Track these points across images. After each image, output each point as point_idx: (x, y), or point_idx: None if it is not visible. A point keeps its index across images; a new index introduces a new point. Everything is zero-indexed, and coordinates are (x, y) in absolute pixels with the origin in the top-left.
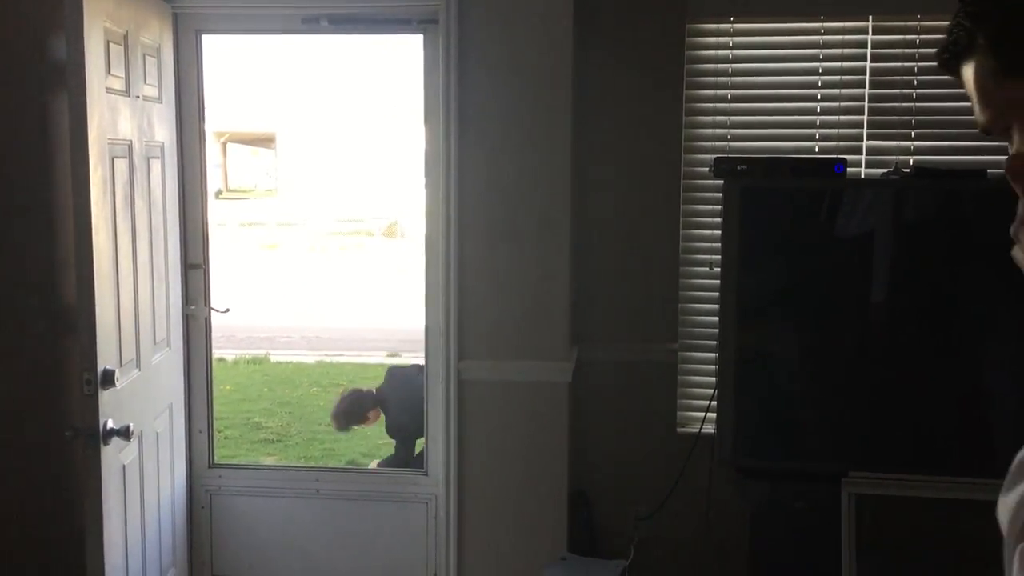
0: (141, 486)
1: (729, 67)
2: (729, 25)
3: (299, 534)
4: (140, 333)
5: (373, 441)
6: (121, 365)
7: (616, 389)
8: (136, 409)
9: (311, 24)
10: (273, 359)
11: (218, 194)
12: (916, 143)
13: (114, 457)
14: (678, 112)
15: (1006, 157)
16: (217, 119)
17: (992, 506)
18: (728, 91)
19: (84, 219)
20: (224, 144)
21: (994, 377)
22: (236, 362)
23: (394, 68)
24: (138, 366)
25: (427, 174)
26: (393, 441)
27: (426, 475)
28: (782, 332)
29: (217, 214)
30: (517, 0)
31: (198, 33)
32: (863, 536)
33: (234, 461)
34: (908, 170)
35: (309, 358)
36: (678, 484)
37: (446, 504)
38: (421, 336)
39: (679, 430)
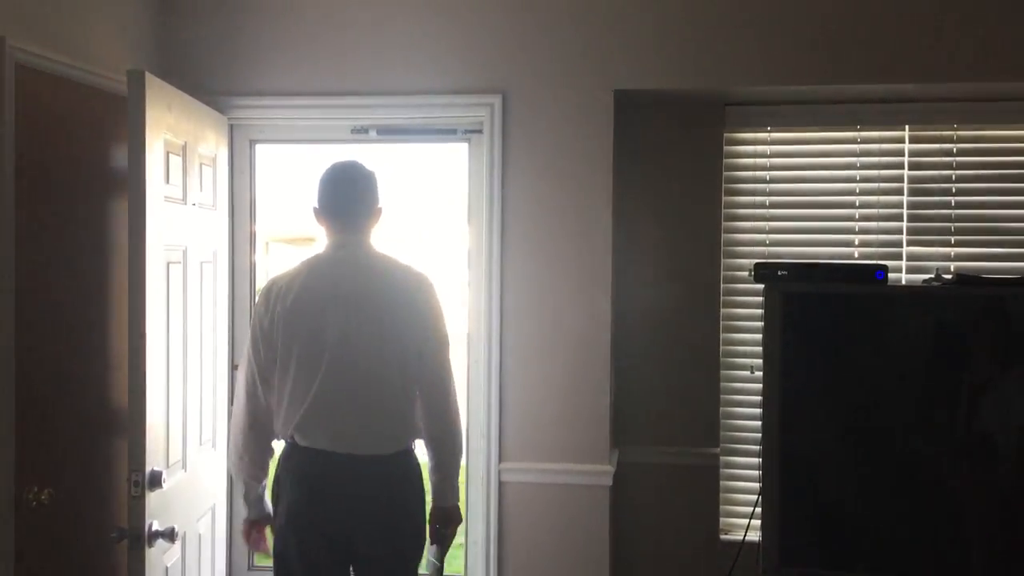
0: None
1: (767, 174)
2: (767, 134)
3: None
4: (187, 434)
5: None
6: (168, 466)
7: (657, 493)
8: (180, 510)
9: (360, 135)
10: None
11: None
12: (956, 250)
13: (158, 559)
14: (717, 217)
15: None
16: (261, 223)
17: None
18: (767, 197)
19: (138, 323)
20: (267, 244)
21: None
22: (273, 460)
23: (427, 172)
24: (184, 467)
25: (471, 273)
26: None
27: None
28: (826, 437)
29: None
30: (559, 111)
31: (252, 143)
32: None
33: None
34: (949, 276)
35: None
36: None
37: None
38: None
39: (722, 537)
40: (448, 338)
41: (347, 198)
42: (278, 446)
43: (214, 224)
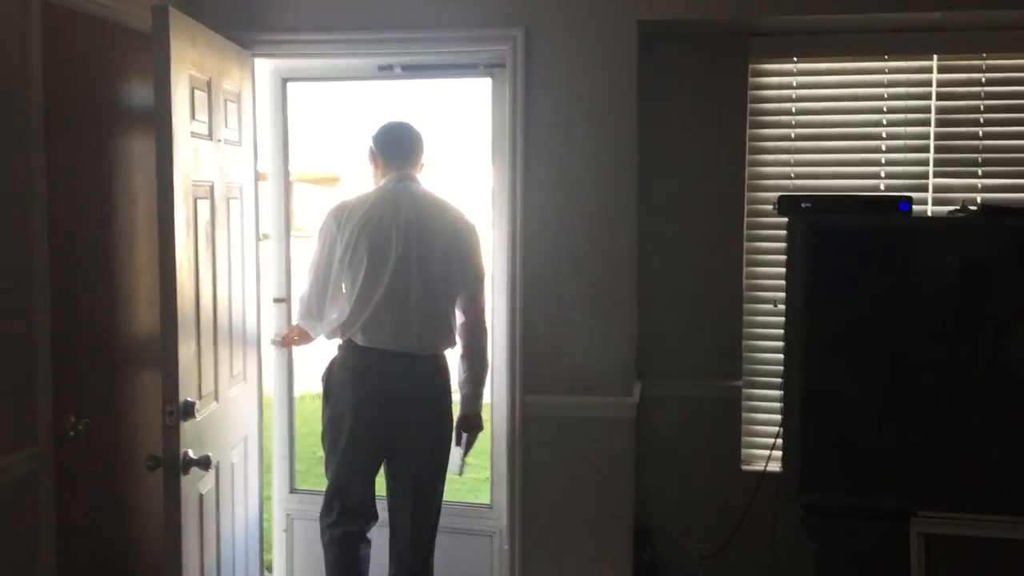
0: (217, 516)
1: (792, 106)
2: (792, 65)
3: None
4: (219, 366)
5: None
6: (201, 397)
7: (680, 425)
8: (214, 440)
9: (386, 71)
10: None
11: None
12: (983, 181)
13: (192, 487)
14: (742, 150)
15: None
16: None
17: None
18: (792, 130)
19: (168, 257)
20: (290, 184)
21: None
22: (302, 397)
23: (452, 111)
24: (216, 399)
25: (494, 211)
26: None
27: (491, 508)
28: (848, 369)
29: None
30: (582, 44)
31: (284, 82)
32: None
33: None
34: (975, 207)
35: None
36: (743, 522)
37: (511, 538)
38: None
39: (744, 467)
40: (484, 272)
41: (404, 145)
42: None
43: (240, 160)
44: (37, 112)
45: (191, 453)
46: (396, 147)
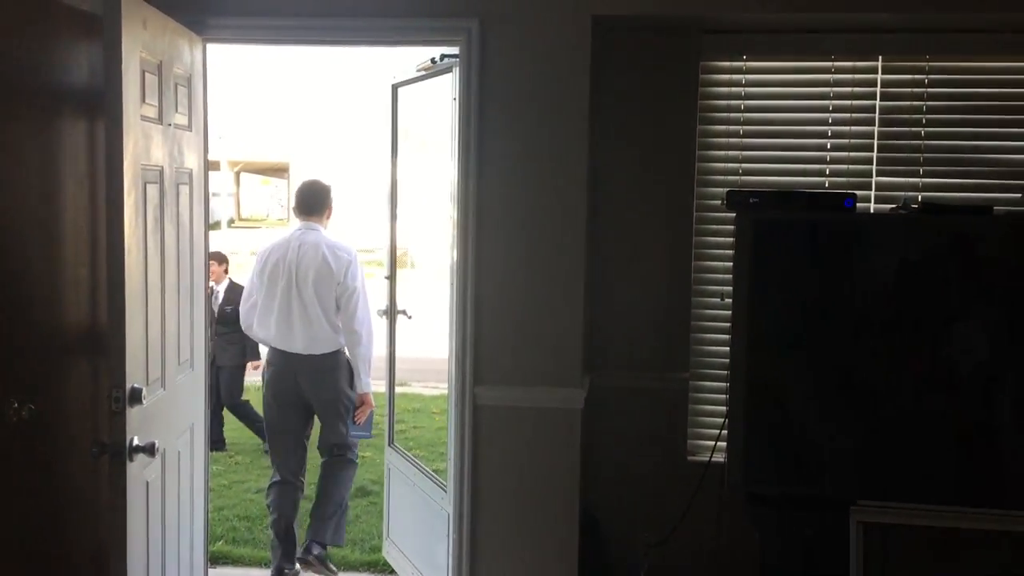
0: (163, 504)
1: (742, 103)
2: (742, 63)
3: None
4: (166, 353)
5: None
6: (148, 384)
7: (628, 417)
8: (160, 427)
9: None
10: None
11: (231, 223)
12: (924, 179)
13: (138, 474)
14: (691, 147)
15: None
16: (232, 149)
17: (1001, 537)
18: (740, 127)
19: (117, 242)
20: (238, 173)
21: (1003, 408)
22: (247, 388)
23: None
24: (163, 385)
25: (454, 206)
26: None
27: (445, 493)
28: (792, 361)
29: (229, 243)
30: (536, 36)
31: (395, 88)
32: (872, 564)
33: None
34: (916, 205)
35: None
36: (689, 511)
37: (459, 526)
38: (430, 364)
39: (690, 458)
40: (356, 288)
41: (307, 201)
42: None
43: (190, 145)
44: None
45: (137, 440)
46: (302, 203)
